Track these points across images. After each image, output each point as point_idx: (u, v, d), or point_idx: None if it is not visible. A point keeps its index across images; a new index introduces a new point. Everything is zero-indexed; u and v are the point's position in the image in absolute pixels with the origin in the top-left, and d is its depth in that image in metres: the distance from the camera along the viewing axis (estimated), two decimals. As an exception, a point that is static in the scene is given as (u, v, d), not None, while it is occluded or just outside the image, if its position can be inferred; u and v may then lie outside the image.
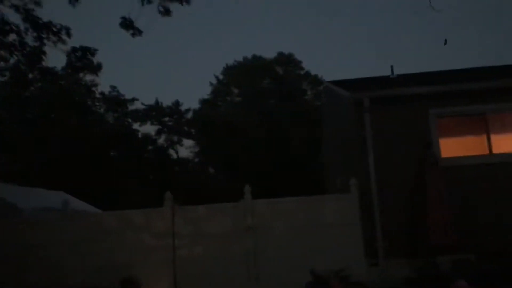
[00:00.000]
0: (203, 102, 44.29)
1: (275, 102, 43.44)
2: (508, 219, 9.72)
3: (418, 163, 9.80)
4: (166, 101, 40.64)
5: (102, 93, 33.27)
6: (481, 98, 10.35)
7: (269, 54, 47.92)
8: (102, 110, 34.29)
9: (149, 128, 49.80)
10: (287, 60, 46.92)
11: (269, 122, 40.01)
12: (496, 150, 10.29)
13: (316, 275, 7.52)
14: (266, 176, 35.03)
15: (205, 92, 50.19)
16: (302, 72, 46.96)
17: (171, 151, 39.74)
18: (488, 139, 10.35)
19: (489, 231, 9.67)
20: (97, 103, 33.37)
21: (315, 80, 45.86)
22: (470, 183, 10.00)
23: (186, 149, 40.80)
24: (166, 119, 38.63)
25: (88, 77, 29.73)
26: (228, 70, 46.75)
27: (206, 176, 36.92)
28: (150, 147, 37.10)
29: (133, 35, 9.98)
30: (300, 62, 47.19)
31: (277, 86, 44.31)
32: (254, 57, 46.98)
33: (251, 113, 40.95)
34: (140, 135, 36.37)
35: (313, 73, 46.24)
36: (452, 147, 10.40)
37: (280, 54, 46.89)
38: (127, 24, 9.83)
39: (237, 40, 61.96)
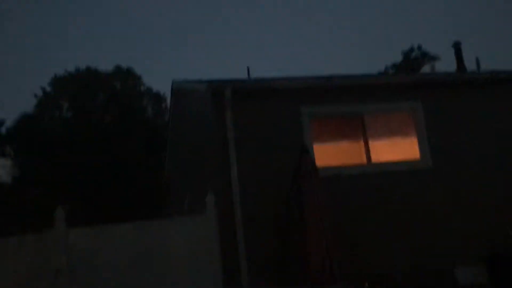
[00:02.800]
0: (25, 116, 38.37)
1: (111, 118, 39.69)
2: (393, 237, 8.17)
3: (293, 172, 7.75)
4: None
5: None
6: (359, 96, 8.83)
7: (106, 66, 43.90)
8: None
9: None
10: (125, 75, 43.43)
11: (103, 140, 36.03)
12: (375, 158, 8.78)
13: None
14: (96, 200, 31.02)
15: (29, 105, 43.81)
16: (142, 89, 43.85)
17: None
18: (366, 145, 8.81)
19: (372, 253, 7.99)
20: None
21: (157, 97, 43.19)
22: (347, 197, 8.30)
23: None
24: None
25: None
26: (58, 82, 41.54)
27: (22, 200, 31.23)
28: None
29: None
30: (139, 77, 44.00)
31: (113, 102, 40.52)
32: (88, 69, 42.57)
33: (83, 129, 36.56)
34: None
35: (155, 89, 43.38)
36: (326, 154, 8.64)
37: (118, 68, 43.25)
38: None
39: (67, 49, 56.02)
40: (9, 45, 54.41)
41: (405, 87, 9.01)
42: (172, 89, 13.04)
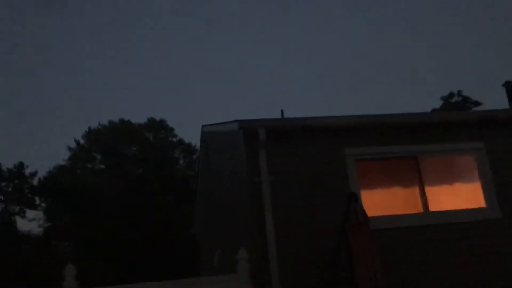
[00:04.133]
0: (59, 168, 38.38)
1: (143, 170, 39.33)
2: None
3: (340, 223, 6.59)
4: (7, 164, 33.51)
5: None
6: (412, 136, 7.72)
7: (139, 119, 44.08)
8: None
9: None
10: (158, 126, 43.42)
11: (134, 193, 35.50)
12: (433, 207, 7.54)
13: None
14: (127, 253, 30.08)
15: (62, 157, 44.00)
16: (174, 140, 43.66)
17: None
18: (423, 191, 7.60)
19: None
20: None
21: (188, 148, 42.83)
22: (403, 251, 7.06)
23: (29, 221, 33.88)
24: (3, 184, 31.94)
25: None
26: (91, 134, 41.77)
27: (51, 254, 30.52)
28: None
29: None
30: (172, 129, 43.88)
31: (145, 153, 40.30)
32: (122, 121, 42.78)
33: (115, 181, 36.21)
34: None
35: (186, 141, 43.08)
36: (375, 202, 7.47)
37: (151, 120, 43.34)
38: None
39: (102, 101, 56.95)
40: (46, 97, 55.78)
41: (466, 125, 7.86)
42: (202, 134, 12.21)
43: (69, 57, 56.28)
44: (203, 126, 11.94)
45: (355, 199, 6.49)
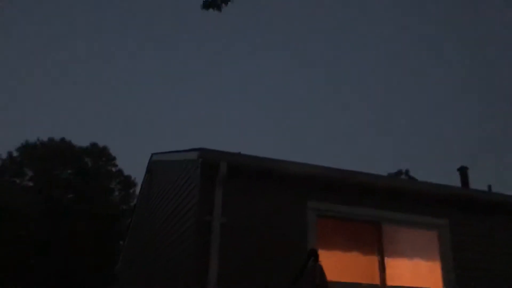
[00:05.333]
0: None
1: (74, 196, 37.15)
2: None
3: (292, 282, 5.82)
4: None
5: None
6: (379, 200, 7.19)
7: (81, 142, 42.17)
8: None
9: None
10: (99, 153, 41.54)
11: (59, 217, 33.23)
12: (391, 280, 6.92)
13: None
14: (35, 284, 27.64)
15: (-10, 167, 40.96)
16: (113, 169, 41.79)
17: None
18: (382, 262, 7.00)
19: None
20: None
21: (127, 181, 41.06)
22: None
23: None
24: None
25: None
26: (26, 148, 39.33)
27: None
28: None
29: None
30: (113, 158, 42.08)
31: (80, 179, 38.22)
32: (63, 141, 40.73)
33: (41, 202, 33.83)
34: None
35: (126, 173, 41.33)
36: (331, 264, 6.76)
37: (93, 145, 41.48)
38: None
39: (47, 117, 54.27)
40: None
41: (435, 199, 7.44)
42: (149, 163, 11.29)
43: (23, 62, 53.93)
44: (153, 154, 11.06)
45: (315, 257, 5.76)
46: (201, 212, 6.32)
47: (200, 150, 6.46)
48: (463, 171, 14.18)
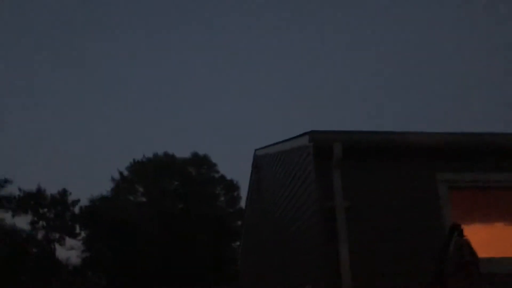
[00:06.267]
0: (101, 199, 38.06)
1: (184, 206, 38.59)
2: None
3: (436, 263, 5.25)
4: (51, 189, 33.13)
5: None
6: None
7: (183, 153, 43.71)
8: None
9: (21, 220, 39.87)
10: (201, 162, 42.80)
11: (174, 227, 34.64)
12: (546, 249, 6.07)
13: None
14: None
15: (105, 188, 43.79)
16: (216, 176, 42.85)
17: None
18: (531, 230, 6.16)
19: None
20: None
21: (230, 185, 41.91)
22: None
23: (68, 250, 33.26)
24: (45, 210, 31.56)
25: None
26: (135, 166, 41.54)
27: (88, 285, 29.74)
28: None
29: None
30: (214, 164, 43.15)
31: (187, 188, 39.63)
32: (166, 154, 42.52)
33: (155, 215, 35.51)
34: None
35: (228, 177, 42.21)
36: (472, 239, 6.05)
37: (194, 155, 42.82)
38: None
39: (148, 134, 57.12)
40: (94, 125, 56.48)
41: None
42: (254, 159, 11.15)
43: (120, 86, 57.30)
44: (256, 150, 10.91)
45: (460, 232, 5.14)
46: (321, 198, 5.95)
47: (311, 133, 6.08)
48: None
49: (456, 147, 6.26)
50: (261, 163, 10.58)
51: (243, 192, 40.29)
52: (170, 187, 40.78)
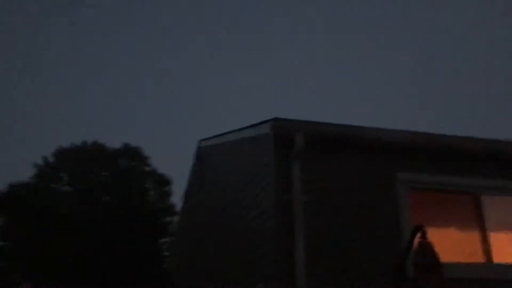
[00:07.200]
0: (21, 186, 35.73)
1: (112, 198, 37.10)
2: None
3: (396, 265, 5.01)
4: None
5: None
6: (474, 167, 6.29)
7: (114, 143, 41.95)
8: None
9: None
10: (132, 154, 41.30)
11: (100, 220, 33.17)
12: (497, 258, 6.03)
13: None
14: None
15: (27, 174, 41.21)
16: (147, 169, 41.54)
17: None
18: (484, 237, 6.12)
19: None
20: None
21: (161, 180, 40.76)
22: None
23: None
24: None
25: None
26: (61, 153, 39.38)
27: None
28: None
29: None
30: (146, 158, 41.79)
31: (116, 180, 38.16)
32: (96, 144, 40.69)
33: (80, 205, 33.85)
34: None
35: (160, 171, 41.05)
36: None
37: (126, 146, 41.29)
38: None
39: (80, 120, 54.35)
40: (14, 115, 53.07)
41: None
42: (198, 150, 10.61)
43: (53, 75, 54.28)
44: (201, 140, 10.38)
45: (423, 234, 4.91)
46: (278, 190, 5.56)
47: (273, 121, 5.68)
48: None
49: (418, 147, 6.10)
50: (206, 155, 10.07)
51: (176, 187, 39.35)
52: (97, 178, 39.09)
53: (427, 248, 4.81)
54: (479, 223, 6.19)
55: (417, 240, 4.95)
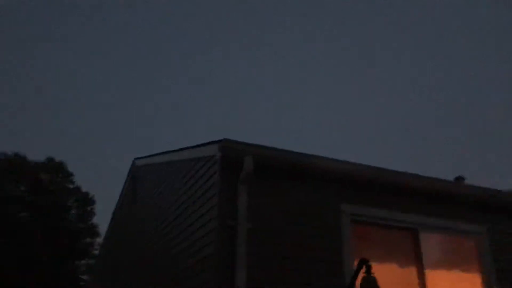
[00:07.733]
0: None
1: (29, 215, 34.88)
2: None
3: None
4: None
5: None
6: (416, 205, 6.38)
7: (37, 156, 39.84)
8: None
9: None
10: (55, 169, 39.31)
11: (16, 236, 31.02)
12: (432, 293, 6.08)
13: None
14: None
15: None
16: (71, 186, 39.62)
17: None
18: (421, 273, 6.16)
19: None
20: None
21: (85, 198, 38.98)
22: None
23: None
24: None
25: None
26: (-24, 163, 36.76)
27: None
28: None
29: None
30: (70, 174, 39.92)
31: (35, 196, 36.02)
32: (17, 155, 38.39)
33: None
34: None
35: (84, 190, 39.32)
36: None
37: (49, 160, 39.28)
38: None
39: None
40: None
41: (475, 203, 6.71)
42: (132, 168, 10.15)
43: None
44: (135, 159, 9.95)
45: (368, 268, 4.83)
46: (222, 215, 5.31)
47: (221, 142, 5.46)
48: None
49: (364, 180, 6.09)
50: (141, 174, 9.62)
51: (99, 207, 37.84)
52: (15, 192, 36.72)
53: (371, 284, 4.72)
54: (417, 260, 6.22)
55: (361, 274, 4.86)
